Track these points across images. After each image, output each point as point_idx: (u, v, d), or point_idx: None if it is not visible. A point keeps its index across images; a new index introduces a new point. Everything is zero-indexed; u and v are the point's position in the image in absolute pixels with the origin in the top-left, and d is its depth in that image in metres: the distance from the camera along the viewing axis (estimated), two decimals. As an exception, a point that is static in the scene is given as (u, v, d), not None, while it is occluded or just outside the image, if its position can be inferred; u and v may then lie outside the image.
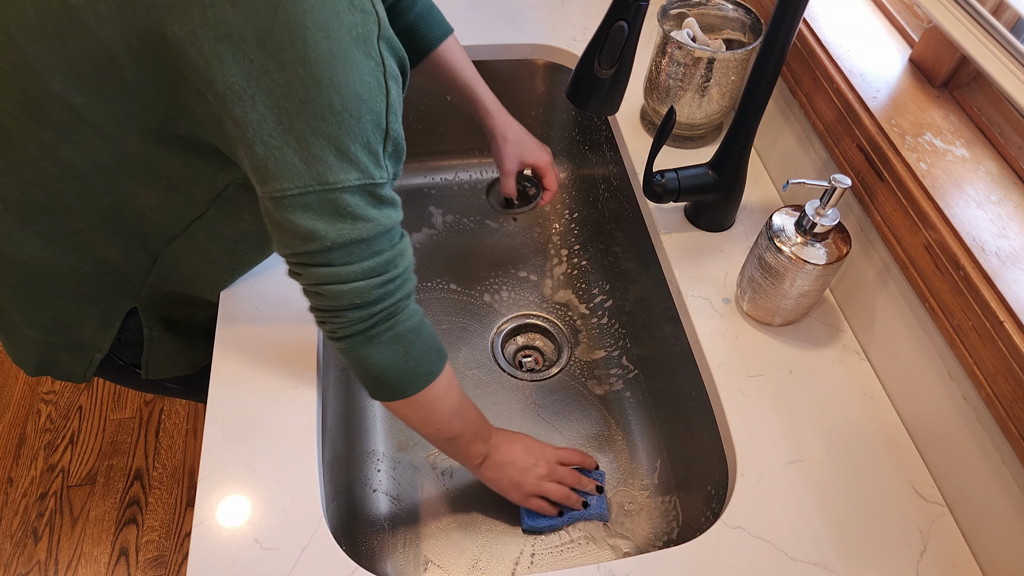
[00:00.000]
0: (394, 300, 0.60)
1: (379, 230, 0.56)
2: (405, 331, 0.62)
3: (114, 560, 1.46)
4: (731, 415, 0.70)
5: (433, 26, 0.84)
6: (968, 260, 0.59)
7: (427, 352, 0.65)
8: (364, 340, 0.61)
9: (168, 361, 0.82)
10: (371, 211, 0.55)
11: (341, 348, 0.62)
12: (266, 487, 0.64)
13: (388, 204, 0.57)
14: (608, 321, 1.02)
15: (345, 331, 0.60)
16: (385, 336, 0.61)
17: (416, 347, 0.64)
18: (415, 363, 0.64)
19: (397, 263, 0.59)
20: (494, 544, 0.82)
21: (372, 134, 0.52)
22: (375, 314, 0.60)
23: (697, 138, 0.95)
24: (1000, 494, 0.60)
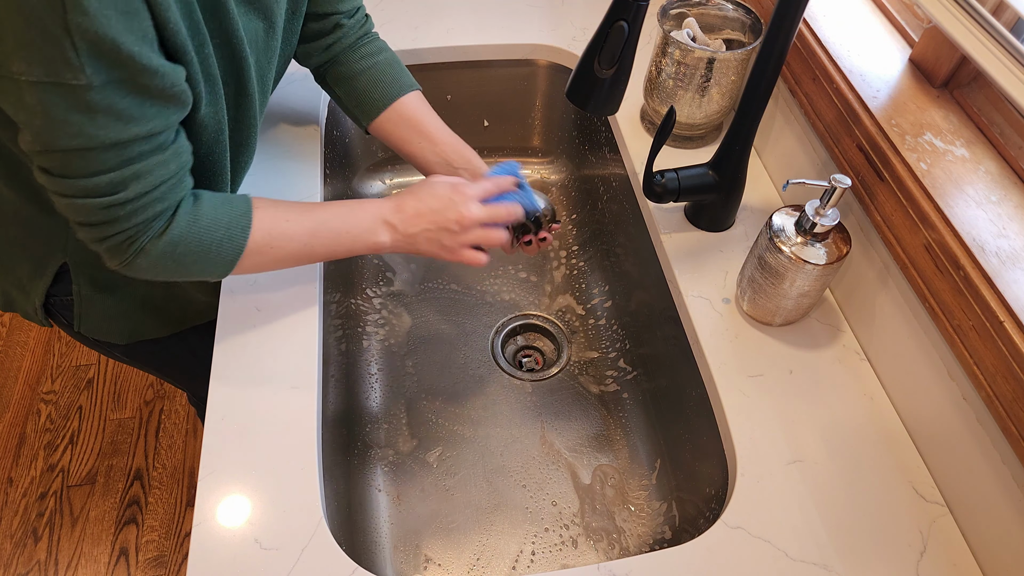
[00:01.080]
0: (130, 225, 0.56)
1: (87, 143, 0.51)
2: (162, 252, 0.59)
3: (114, 560, 1.46)
4: (731, 415, 0.70)
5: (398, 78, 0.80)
6: (968, 260, 0.59)
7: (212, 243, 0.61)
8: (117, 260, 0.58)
9: (101, 323, 0.81)
10: (74, 117, 0.49)
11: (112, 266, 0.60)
12: (266, 487, 0.64)
13: (102, 115, 0.50)
14: (608, 321, 1.02)
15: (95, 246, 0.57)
16: (137, 260, 0.58)
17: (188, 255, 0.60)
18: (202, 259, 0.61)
19: (127, 185, 0.54)
20: (494, 543, 0.82)
21: (48, 22, 0.45)
22: (110, 236, 0.56)
23: (697, 138, 0.95)
24: (1000, 494, 0.60)
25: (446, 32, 1.06)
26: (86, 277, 0.76)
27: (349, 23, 0.79)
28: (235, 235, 0.62)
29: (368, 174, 1.15)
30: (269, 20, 0.65)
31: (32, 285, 0.76)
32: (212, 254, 0.62)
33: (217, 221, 0.61)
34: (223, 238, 0.62)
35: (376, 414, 0.92)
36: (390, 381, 0.95)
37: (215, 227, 0.61)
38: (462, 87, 1.11)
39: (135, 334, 0.84)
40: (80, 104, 0.49)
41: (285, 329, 0.74)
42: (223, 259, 0.63)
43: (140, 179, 0.55)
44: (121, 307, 0.80)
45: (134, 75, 0.50)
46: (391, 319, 1.01)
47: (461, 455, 0.89)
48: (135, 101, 0.51)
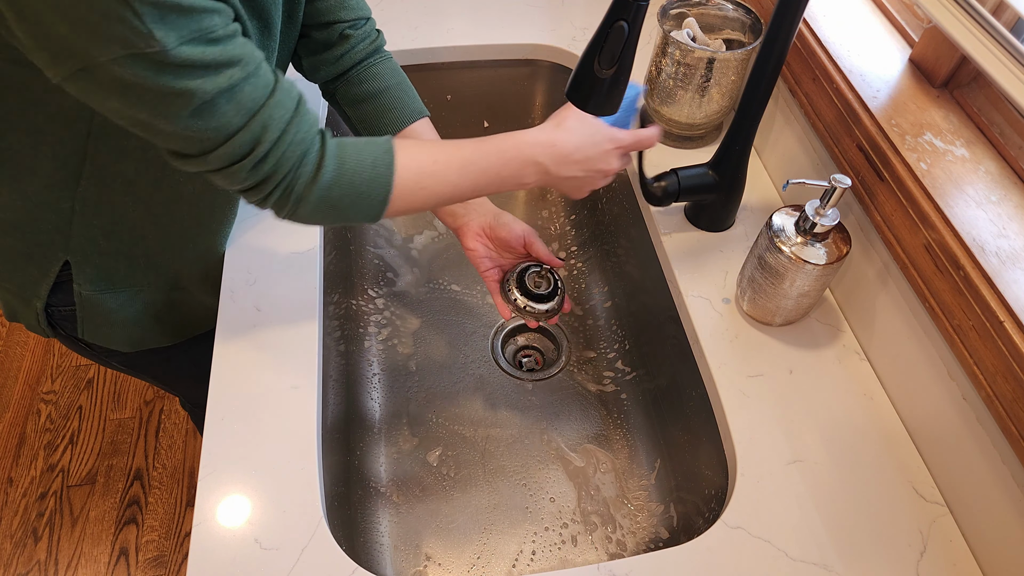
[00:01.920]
0: (281, 176, 0.58)
1: (194, 101, 0.52)
2: (319, 197, 0.60)
3: (114, 560, 1.46)
4: (731, 415, 0.70)
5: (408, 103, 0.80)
6: (968, 260, 0.59)
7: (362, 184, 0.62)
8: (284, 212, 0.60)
9: (103, 330, 0.81)
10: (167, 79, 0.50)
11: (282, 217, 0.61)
12: (266, 487, 0.64)
13: (190, 71, 0.51)
14: (608, 321, 1.02)
15: (262, 205, 0.59)
16: (300, 209, 0.60)
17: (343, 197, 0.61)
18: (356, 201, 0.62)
19: (261, 137, 0.56)
20: (494, 543, 0.82)
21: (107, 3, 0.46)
22: (270, 193, 0.58)
23: (697, 138, 0.95)
24: (1000, 494, 0.60)
25: (446, 32, 1.06)
26: (87, 276, 0.76)
27: (356, 34, 0.78)
28: (381, 173, 0.62)
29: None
30: (266, 23, 0.65)
31: (34, 291, 0.76)
32: (364, 195, 0.62)
33: (362, 161, 0.62)
34: (371, 177, 0.62)
35: (376, 414, 0.92)
36: (390, 381, 0.95)
37: (362, 167, 0.62)
38: (462, 87, 1.11)
39: (140, 343, 0.84)
40: (166, 67, 0.50)
41: (285, 329, 0.74)
42: (375, 199, 0.63)
43: (268, 128, 0.56)
44: (124, 312, 0.80)
45: (199, 23, 0.51)
46: (391, 319, 1.01)
47: (461, 455, 0.89)
48: (214, 47, 0.52)
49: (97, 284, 0.77)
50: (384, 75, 0.80)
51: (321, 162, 0.60)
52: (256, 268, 0.78)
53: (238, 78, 0.54)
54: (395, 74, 0.81)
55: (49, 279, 0.75)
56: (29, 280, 0.75)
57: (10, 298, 0.79)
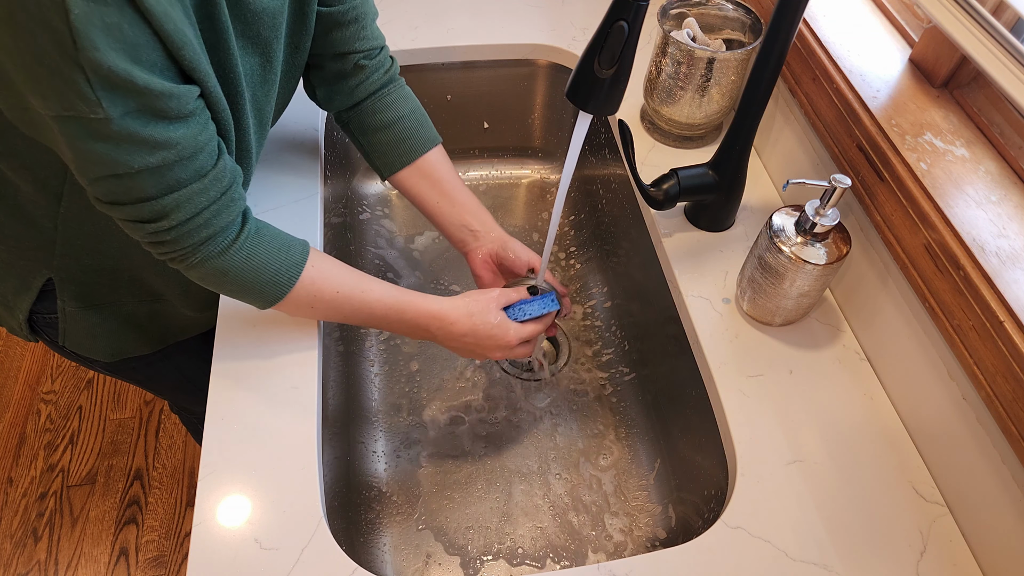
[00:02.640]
0: (180, 248, 0.59)
1: (117, 171, 0.52)
2: (211, 274, 0.61)
3: (114, 560, 1.46)
4: (731, 415, 0.70)
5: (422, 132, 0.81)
6: (968, 260, 0.59)
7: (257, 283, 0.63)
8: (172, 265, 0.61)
9: (85, 340, 0.81)
10: (99, 147, 0.50)
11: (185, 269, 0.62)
12: (266, 487, 0.64)
13: (127, 143, 0.50)
14: (608, 321, 1.02)
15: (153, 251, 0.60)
16: (189, 272, 0.61)
17: (235, 284, 0.63)
18: (244, 292, 0.64)
19: (168, 213, 0.56)
20: (494, 543, 0.82)
21: (59, 60, 0.45)
22: (164, 253, 0.59)
23: (697, 138, 0.95)
24: (1000, 494, 0.60)
25: (446, 32, 1.06)
26: (71, 293, 0.76)
27: (371, 64, 0.77)
28: (281, 280, 0.65)
29: (368, 174, 1.15)
30: (267, 56, 0.66)
31: (17, 301, 0.76)
32: (256, 290, 0.64)
33: (267, 265, 0.64)
34: (270, 280, 0.64)
35: (376, 414, 0.92)
36: (390, 381, 0.95)
37: (264, 269, 0.63)
38: (462, 87, 1.11)
39: (119, 352, 0.84)
40: (103, 135, 0.50)
41: (285, 329, 0.74)
42: (265, 297, 0.65)
43: (180, 208, 0.56)
44: (106, 325, 0.80)
45: (151, 102, 0.50)
46: (391, 319, 1.01)
47: (461, 455, 0.89)
48: (158, 126, 0.52)
49: (81, 301, 0.77)
50: (397, 105, 0.80)
51: (229, 248, 0.61)
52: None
53: (170, 160, 0.53)
54: (408, 103, 0.81)
55: (32, 293, 0.75)
56: (11, 290, 0.76)
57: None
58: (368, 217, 1.11)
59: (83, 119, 0.48)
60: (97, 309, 0.79)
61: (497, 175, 1.19)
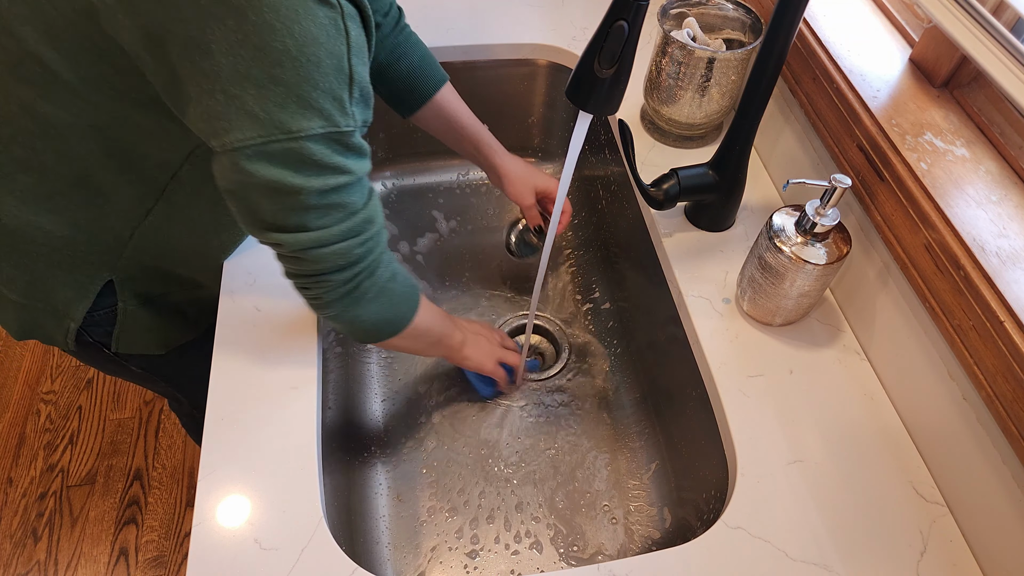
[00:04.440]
0: (375, 256, 0.62)
1: (350, 180, 0.56)
2: (386, 283, 0.64)
3: (114, 560, 1.46)
4: (731, 415, 0.70)
5: (431, 73, 0.85)
6: (968, 260, 0.59)
7: (407, 292, 0.68)
8: (351, 302, 0.62)
9: (139, 337, 0.82)
10: (339, 159, 0.54)
11: (330, 315, 0.63)
12: (266, 487, 0.64)
13: (357, 153, 0.56)
14: (608, 321, 1.02)
15: (331, 295, 0.61)
16: (371, 293, 0.63)
17: (397, 293, 0.67)
18: (399, 306, 0.68)
19: (373, 219, 0.60)
20: (494, 543, 0.82)
21: (335, 79, 0.51)
22: (358, 273, 0.61)
23: (697, 138, 0.95)
24: (1000, 494, 0.60)
25: (446, 32, 1.06)
26: (131, 292, 0.77)
27: (384, 22, 0.81)
28: (415, 287, 0.71)
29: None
30: None
31: (67, 310, 0.75)
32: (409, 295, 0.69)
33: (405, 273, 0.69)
34: (412, 284, 0.70)
35: (376, 414, 0.92)
36: (390, 382, 0.95)
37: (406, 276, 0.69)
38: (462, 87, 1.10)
39: (169, 342, 0.85)
40: (345, 145, 0.55)
41: (285, 329, 0.74)
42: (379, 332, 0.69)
43: (378, 215, 0.61)
44: (159, 318, 0.81)
45: (368, 116, 0.57)
46: (391, 319, 1.01)
47: (461, 455, 0.89)
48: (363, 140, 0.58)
49: (139, 298, 0.78)
50: (407, 49, 0.84)
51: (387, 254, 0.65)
52: (256, 268, 0.78)
53: (367, 170, 0.58)
54: (416, 46, 0.85)
55: (88, 299, 0.75)
56: (64, 299, 0.75)
57: (35, 315, 0.77)
58: (368, 217, 1.11)
59: (337, 133, 0.53)
60: (152, 302, 0.80)
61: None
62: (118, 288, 0.76)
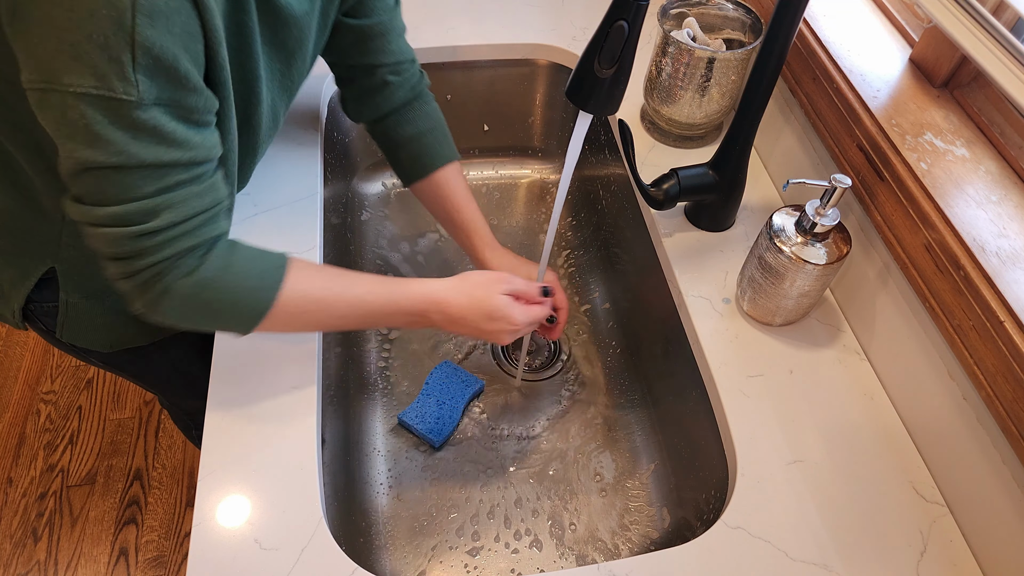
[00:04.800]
0: (159, 259, 0.54)
1: (127, 162, 0.49)
2: (189, 294, 0.56)
3: (114, 560, 1.46)
4: (731, 415, 0.70)
5: (437, 149, 0.82)
6: (968, 260, 0.59)
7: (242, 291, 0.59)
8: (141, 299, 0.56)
9: (84, 333, 0.80)
10: (116, 134, 0.48)
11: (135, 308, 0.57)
12: (266, 487, 0.64)
13: (145, 135, 0.49)
14: (607, 321, 1.02)
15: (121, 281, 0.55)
16: (163, 301, 0.56)
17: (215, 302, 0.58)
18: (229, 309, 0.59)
19: (159, 213, 0.52)
20: (494, 543, 0.82)
21: (112, 35, 0.45)
22: (139, 271, 0.54)
23: (697, 138, 0.95)
24: (1000, 494, 0.60)
25: (446, 32, 1.06)
26: (74, 285, 0.76)
27: (397, 80, 0.79)
28: (264, 288, 0.60)
29: (368, 174, 1.15)
30: (289, 62, 0.67)
31: (12, 291, 0.76)
32: (240, 305, 0.60)
33: (247, 272, 0.59)
34: (253, 288, 0.60)
35: (376, 414, 0.92)
36: (390, 381, 0.95)
37: (245, 277, 0.59)
38: (462, 87, 1.11)
39: (117, 343, 0.84)
40: (125, 120, 0.48)
41: (285, 329, 0.74)
42: (250, 312, 0.60)
43: (173, 209, 0.54)
44: (106, 316, 0.80)
45: (183, 97, 0.50)
46: (391, 319, 1.01)
47: (461, 454, 0.89)
48: (180, 125, 0.51)
49: (82, 291, 0.77)
50: (419, 121, 0.82)
51: (205, 258, 0.57)
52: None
53: (180, 161, 0.52)
54: (430, 120, 0.82)
55: (29, 282, 0.75)
56: (7, 281, 0.76)
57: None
58: (369, 217, 1.11)
59: (112, 99, 0.47)
60: (98, 299, 0.78)
61: (497, 175, 1.19)
62: (61, 279, 0.75)
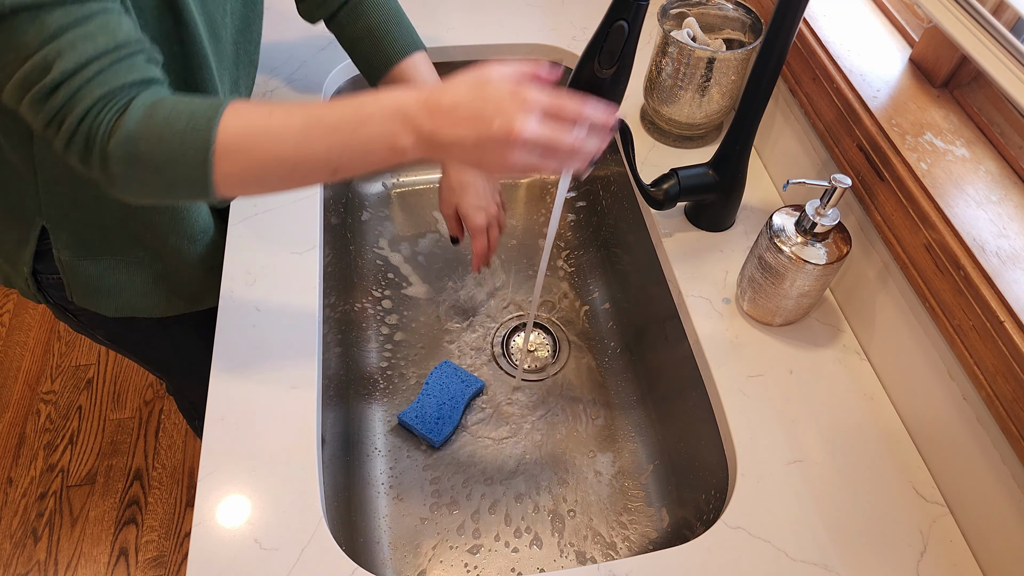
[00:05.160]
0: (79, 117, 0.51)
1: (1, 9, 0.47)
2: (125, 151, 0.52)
3: (114, 560, 1.46)
4: (731, 415, 0.70)
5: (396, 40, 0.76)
6: (968, 260, 0.59)
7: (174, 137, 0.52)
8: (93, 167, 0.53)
9: (89, 295, 0.80)
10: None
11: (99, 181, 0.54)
12: (266, 487, 0.64)
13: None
14: (607, 321, 1.02)
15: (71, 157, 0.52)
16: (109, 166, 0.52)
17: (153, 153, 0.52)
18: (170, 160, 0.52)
19: (51, 64, 0.49)
20: (494, 543, 0.82)
21: None
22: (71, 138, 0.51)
23: (697, 138, 0.95)
24: (1000, 494, 0.60)
25: (446, 32, 1.06)
26: (64, 243, 0.75)
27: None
28: (200, 125, 0.52)
29: (368, 174, 1.15)
30: None
31: (20, 253, 0.77)
32: (177, 151, 0.52)
33: (178, 113, 0.52)
34: (186, 129, 0.52)
35: (376, 414, 0.92)
36: (390, 381, 0.95)
37: (176, 118, 0.52)
38: (462, 87, 1.10)
39: (125, 309, 0.84)
40: None
41: (285, 329, 0.74)
42: (192, 158, 0.52)
43: (63, 56, 0.49)
44: (108, 279, 0.80)
45: None
46: (391, 319, 1.01)
47: (461, 455, 0.89)
48: None
49: (75, 251, 0.77)
50: (369, 13, 0.77)
51: (126, 110, 0.52)
52: (256, 268, 0.78)
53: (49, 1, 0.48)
54: (381, 10, 0.77)
55: (31, 245, 0.75)
56: (13, 244, 0.76)
57: (2, 263, 0.80)
58: (369, 217, 1.11)
59: None
60: (94, 261, 0.78)
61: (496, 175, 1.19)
62: (52, 237, 0.75)
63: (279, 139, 0.53)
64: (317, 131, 0.53)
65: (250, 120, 0.53)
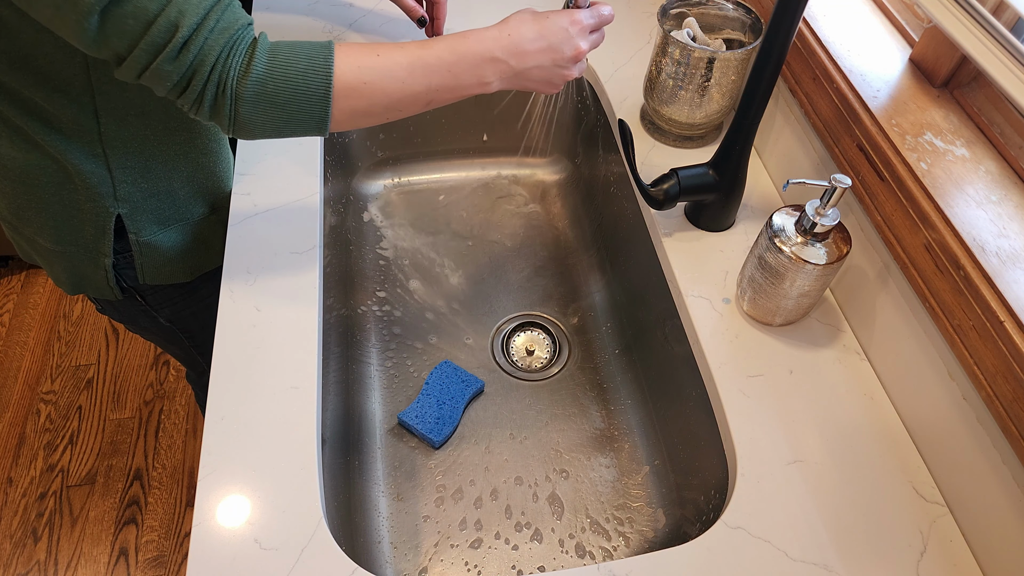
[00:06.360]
0: (209, 67, 0.55)
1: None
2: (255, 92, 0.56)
3: (113, 560, 1.46)
4: (731, 415, 0.70)
5: None
6: (968, 260, 0.59)
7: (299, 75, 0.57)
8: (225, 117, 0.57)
9: (164, 266, 0.83)
10: None
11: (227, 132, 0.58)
12: (266, 487, 0.64)
13: None
14: (607, 321, 1.02)
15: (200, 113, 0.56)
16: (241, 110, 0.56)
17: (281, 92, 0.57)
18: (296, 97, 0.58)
19: (178, 23, 0.52)
20: (494, 543, 0.82)
21: None
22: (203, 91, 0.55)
23: (697, 138, 0.95)
24: (1000, 494, 0.60)
25: (446, 32, 1.06)
26: (139, 224, 0.77)
27: None
28: (318, 65, 0.58)
29: (368, 174, 1.15)
30: None
31: (98, 247, 0.77)
32: (301, 89, 0.58)
33: (295, 53, 0.58)
34: (307, 68, 0.58)
35: (376, 414, 0.92)
36: (390, 380, 0.95)
37: (295, 59, 0.58)
38: (462, 87, 1.11)
39: (198, 267, 0.86)
40: None
41: (285, 329, 0.74)
42: (314, 94, 0.58)
43: (185, 13, 0.52)
44: (178, 245, 0.82)
45: None
46: (390, 318, 1.01)
47: (461, 455, 0.89)
48: None
49: (151, 228, 0.79)
50: None
51: (253, 52, 0.56)
52: (256, 268, 0.78)
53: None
54: None
55: (108, 233, 0.76)
56: (91, 237, 0.77)
57: (76, 263, 0.80)
58: (369, 217, 1.11)
59: None
60: (166, 231, 0.80)
61: (496, 176, 1.19)
62: (127, 221, 0.77)
63: (388, 76, 0.61)
64: (419, 70, 0.62)
65: (362, 60, 0.60)
